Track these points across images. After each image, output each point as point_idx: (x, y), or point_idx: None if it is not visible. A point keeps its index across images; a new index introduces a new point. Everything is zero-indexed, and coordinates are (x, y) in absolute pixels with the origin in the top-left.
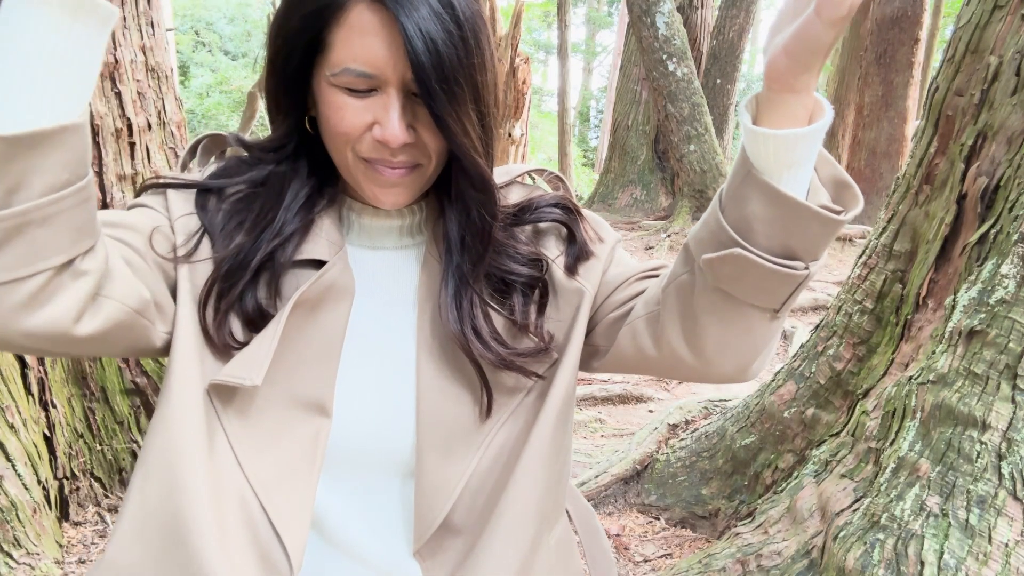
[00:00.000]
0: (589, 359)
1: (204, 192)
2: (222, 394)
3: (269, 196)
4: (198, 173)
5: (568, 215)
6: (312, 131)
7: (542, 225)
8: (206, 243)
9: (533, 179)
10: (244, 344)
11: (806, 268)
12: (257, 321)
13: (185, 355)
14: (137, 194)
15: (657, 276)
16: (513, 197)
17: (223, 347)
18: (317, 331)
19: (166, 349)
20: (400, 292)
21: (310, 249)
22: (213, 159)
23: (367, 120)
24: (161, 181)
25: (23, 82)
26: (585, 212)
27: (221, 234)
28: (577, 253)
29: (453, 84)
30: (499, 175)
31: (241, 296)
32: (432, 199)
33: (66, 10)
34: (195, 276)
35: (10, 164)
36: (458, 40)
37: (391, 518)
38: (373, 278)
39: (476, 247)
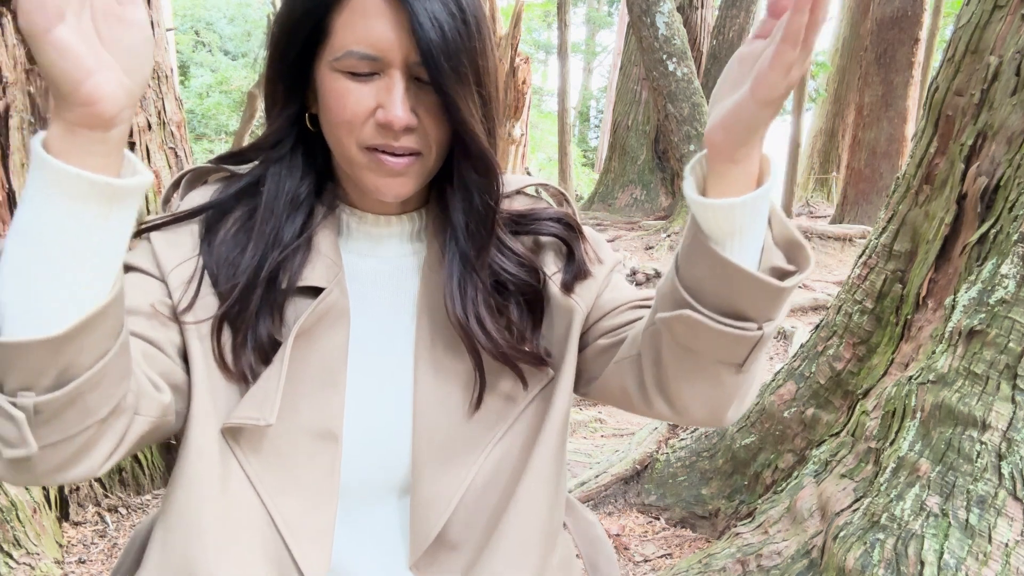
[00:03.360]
0: (575, 382)
1: (205, 227)
2: (236, 433)
3: (267, 206)
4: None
5: (569, 232)
6: (312, 128)
7: (542, 239)
8: (207, 283)
9: (538, 192)
10: (257, 374)
11: (759, 329)
12: (267, 349)
13: (202, 406)
14: None
15: (651, 307)
16: (517, 206)
17: (240, 376)
18: (319, 358)
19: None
20: (398, 303)
21: (308, 274)
22: (199, 188)
23: (370, 105)
24: (144, 226)
25: (66, 279)
26: (586, 231)
27: (225, 263)
28: (575, 271)
29: (458, 64)
30: (505, 182)
31: (258, 313)
32: (433, 206)
33: (103, 202)
34: (202, 326)
35: (60, 355)
36: (461, 24)
37: (389, 534)
38: (372, 288)
39: (480, 233)
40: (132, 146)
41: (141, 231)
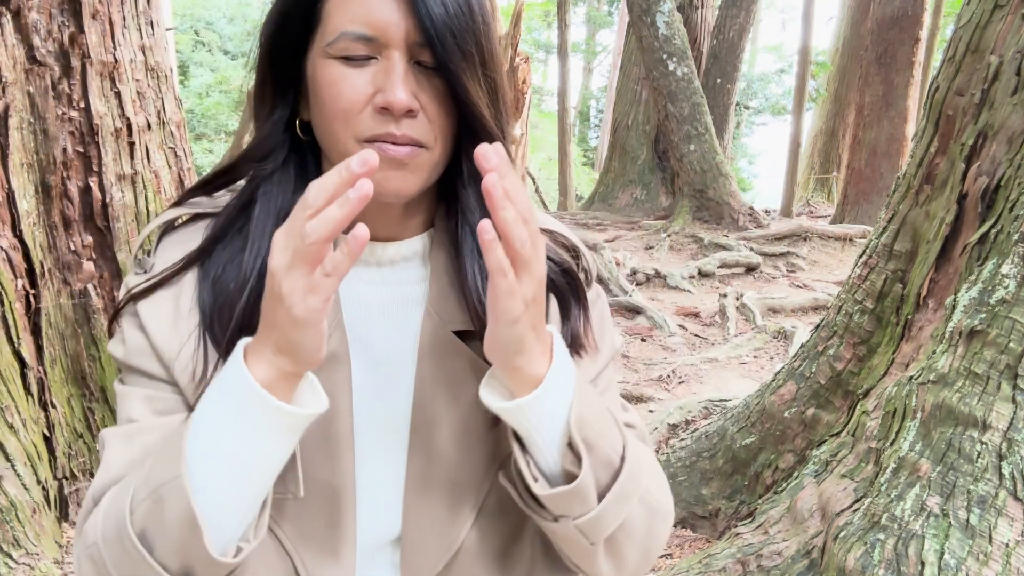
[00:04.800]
0: None
1: (201, 275)
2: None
3: (257, 229)
4: (155, 259)
5: (572, 293)
6: (304, 137)
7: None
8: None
9: (553, 235)
10: None
11: (555, 520)
12: None
13: None
14: (113, 319)
15: None
16: None
17: None
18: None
19: None
20: (399, 339)
21: None
22: (171, 236)
23: (367, 92)
24: (130, 295)
25: (266, 492)
26: (595, 311)
27: (219, 310)
28: (569, 340)
29: (463, 43)
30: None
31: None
32: (439, 226)
33: (305, 426)
34: None
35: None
36: (464, 3)
37: None
38: (371, 322)
39: None
40: (132, 146)
41: (127, 301)
